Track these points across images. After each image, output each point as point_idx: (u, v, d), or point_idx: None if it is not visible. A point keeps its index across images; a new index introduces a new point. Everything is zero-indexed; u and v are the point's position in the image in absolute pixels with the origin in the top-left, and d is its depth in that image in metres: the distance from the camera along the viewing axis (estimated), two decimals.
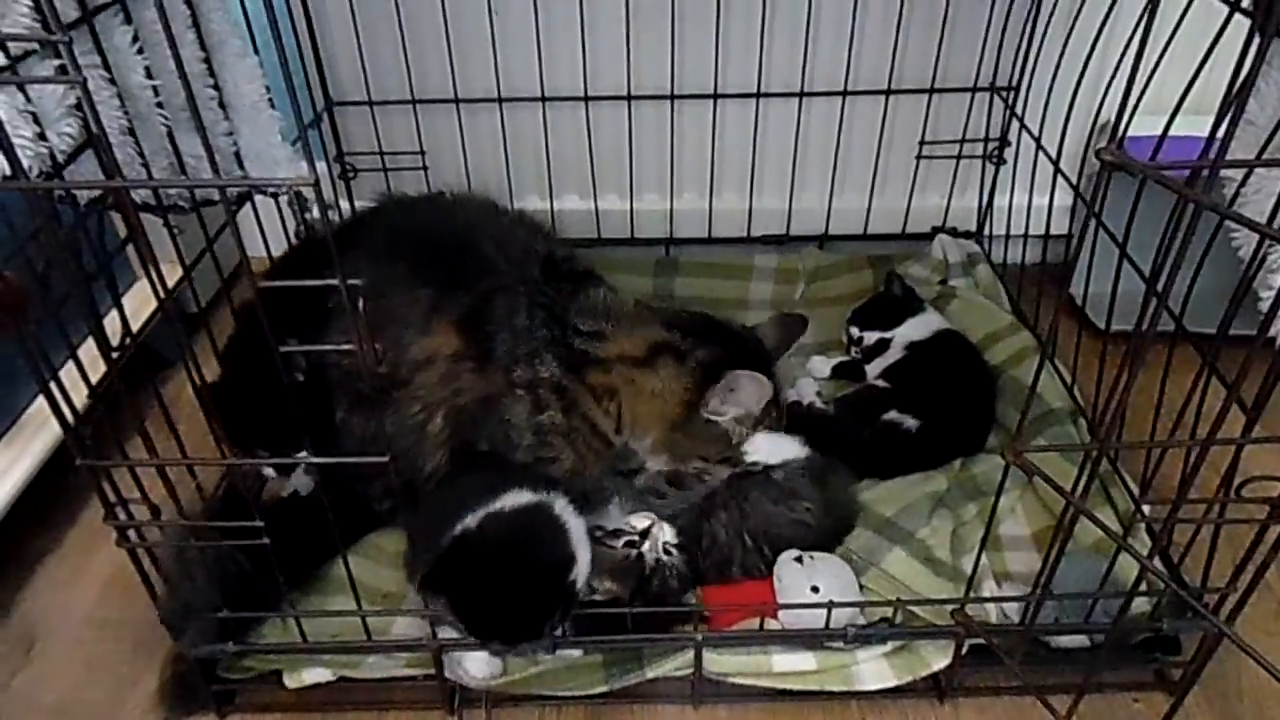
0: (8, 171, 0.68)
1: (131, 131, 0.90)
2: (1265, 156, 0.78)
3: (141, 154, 0.92)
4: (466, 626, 0.87)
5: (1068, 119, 1.23)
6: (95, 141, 0.82)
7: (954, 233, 1.62)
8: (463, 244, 1.11)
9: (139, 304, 1.14)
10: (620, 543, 1.01)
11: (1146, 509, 1.05)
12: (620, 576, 0.98)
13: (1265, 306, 0.78)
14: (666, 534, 1.03)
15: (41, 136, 0.76)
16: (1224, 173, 0.85)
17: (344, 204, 1.56)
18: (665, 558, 1.02)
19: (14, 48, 0.71)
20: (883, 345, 1.35)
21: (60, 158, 0.78)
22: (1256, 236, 0.71)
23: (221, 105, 1.06)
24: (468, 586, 0.87)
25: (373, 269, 1.05)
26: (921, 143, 1.54)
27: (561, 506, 0.93)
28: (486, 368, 1.04)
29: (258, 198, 1.20)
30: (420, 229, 1.15)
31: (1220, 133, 0.64)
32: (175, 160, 0.97)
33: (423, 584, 0.89)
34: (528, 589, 0.87)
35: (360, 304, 0.67)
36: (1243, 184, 0.81)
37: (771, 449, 1.10)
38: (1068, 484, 0.78)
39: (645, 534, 1.02)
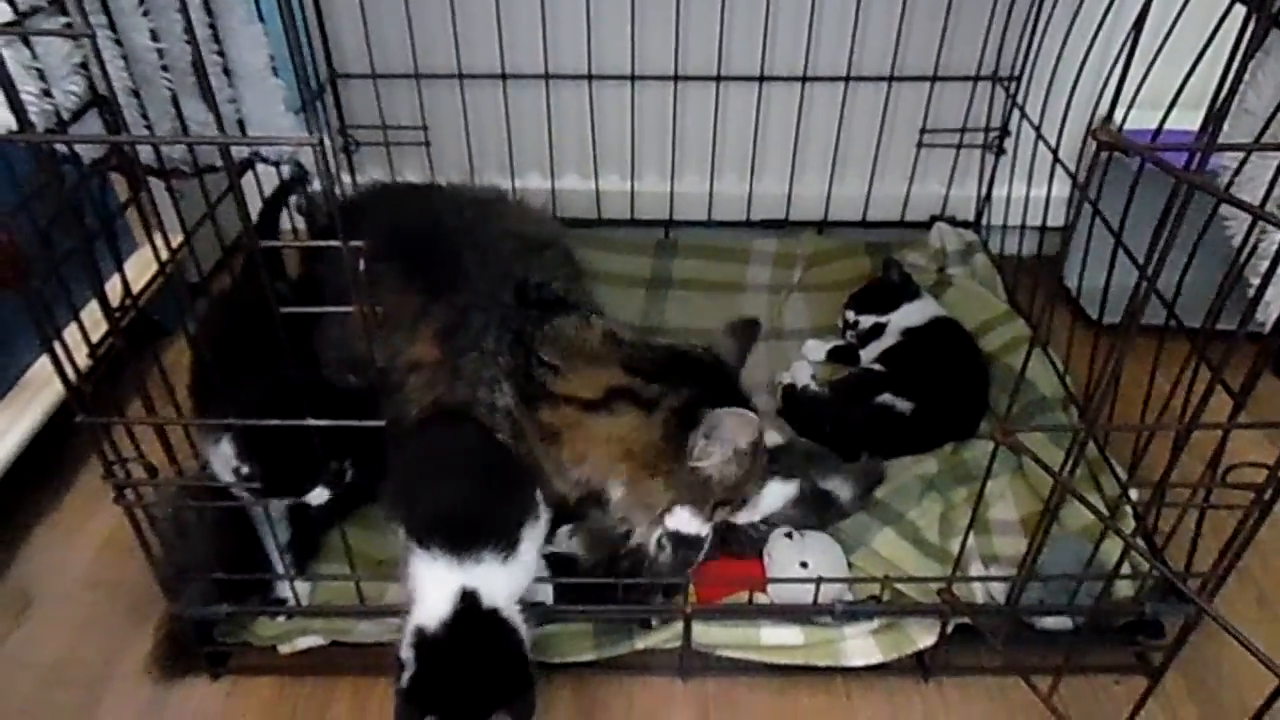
0: (14, 126, 0.68)
1: (136, 94, 0.90)
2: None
3: (145, 116, 0.92)
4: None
5: (1068, 110, 1.24)
6: (100, 100, 0.83)
7: (952, 222, 1.63)
8: (448, 252, 1.10)
9: (140, 271, 1.15)
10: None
11: (1134, 494, 1.06)
12: (592, 543, 0.98)
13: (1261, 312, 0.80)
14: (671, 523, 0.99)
15: (47, 93, 0.76)
16: (1219, 164, 0.86)
17: (346, 178, 1.56)
18: (655, 549, 1.00)
19: (21, 3, 0.71)
20: (878, 330, 1.36)
21: (65, 115, 0.79)
22: (1249, 223, 0.72)
23: (226, 72, 1.06)
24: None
25: (369, 262, 1.05)
26: (922, 131, 1.55)
27: None
28: (456, 383, 1.03)
29: (260, 171, 1.20)
30: (412, 229, 1.14)
31: (1218, 130, 0.65)
32: (179, 124, 0.98)
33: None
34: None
35: (361, 265, 0.67)
36: (1237, 172, 0.82)
37: (766, 503, 1.04)
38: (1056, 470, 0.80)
39: None
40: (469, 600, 0.83)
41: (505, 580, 0.85)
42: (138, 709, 1.00)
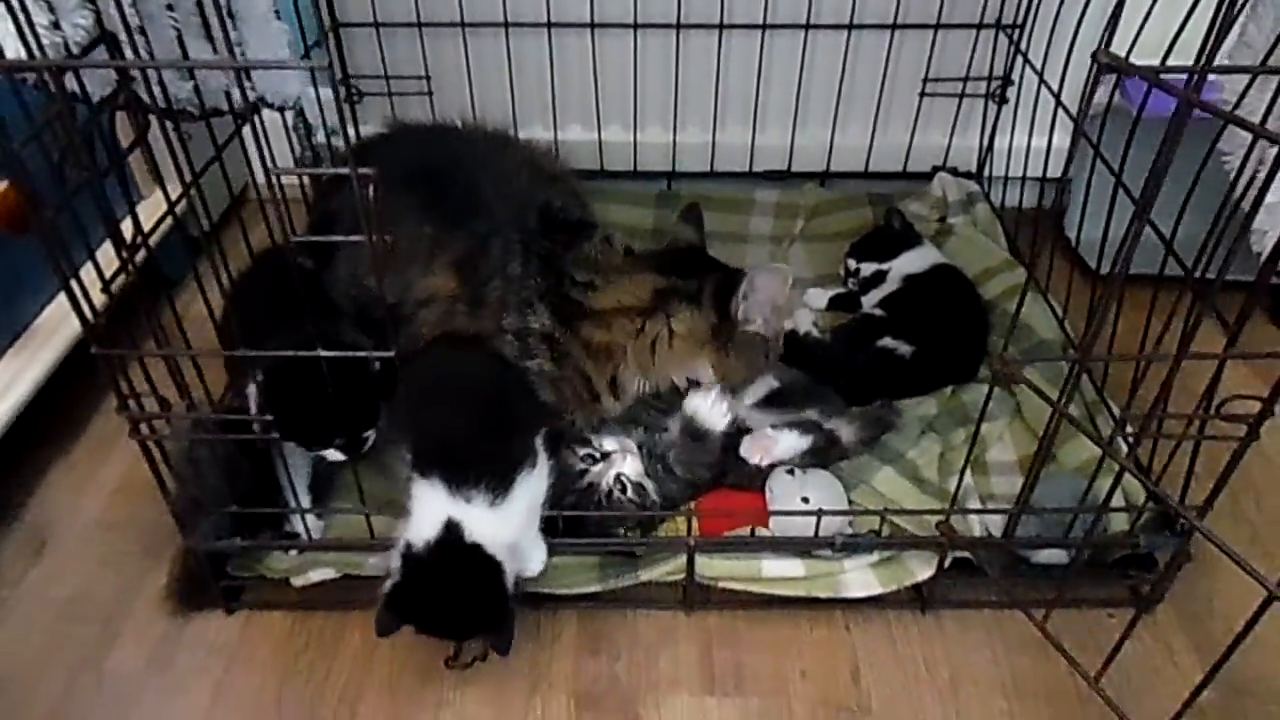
0: (24, 54, 0.69)
1: (142, 31, 0.91)
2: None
3: (151, 56, 0.93)
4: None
5: (1069, 56, 1.24)
6: (107, 37, 0.84)
7: (954, 173, 1.64)
8: (465, 183, 1.11)
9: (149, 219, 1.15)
10: (581, 453, 1.04)
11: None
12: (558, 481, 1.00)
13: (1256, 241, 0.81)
14: (627, 467, 1.04)
15: (56, 25, 0.77)
16: (1220, 98, 0.87)
17: (349, 129, 1.56)
18: (615, 488, 1.03)
19: None
20: (879, 277, 1.37)
21: (74, 49, 0.79)
22: (1246, 148, 0.73)
23: (230, 15, 1.07)
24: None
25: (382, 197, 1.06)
26: (925, 80, 1.54)
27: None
28: (479, 311, 1.05)
29: (266, 118, 1.20)
30: (426, 162, 1.15)
31: (1216, 48, 0.66)
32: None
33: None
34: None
35: (371, 192, 0.68)
36: (1236, 106, 0.82)
37: (780, 450, 1.08)
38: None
39: (606, 457, 1.04)
40: (454, 532, 0.86)
41: (492, 522, 0.87)
42: (154, 642, 1.02)
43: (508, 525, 0.89)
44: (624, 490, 1.03)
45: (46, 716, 0.96)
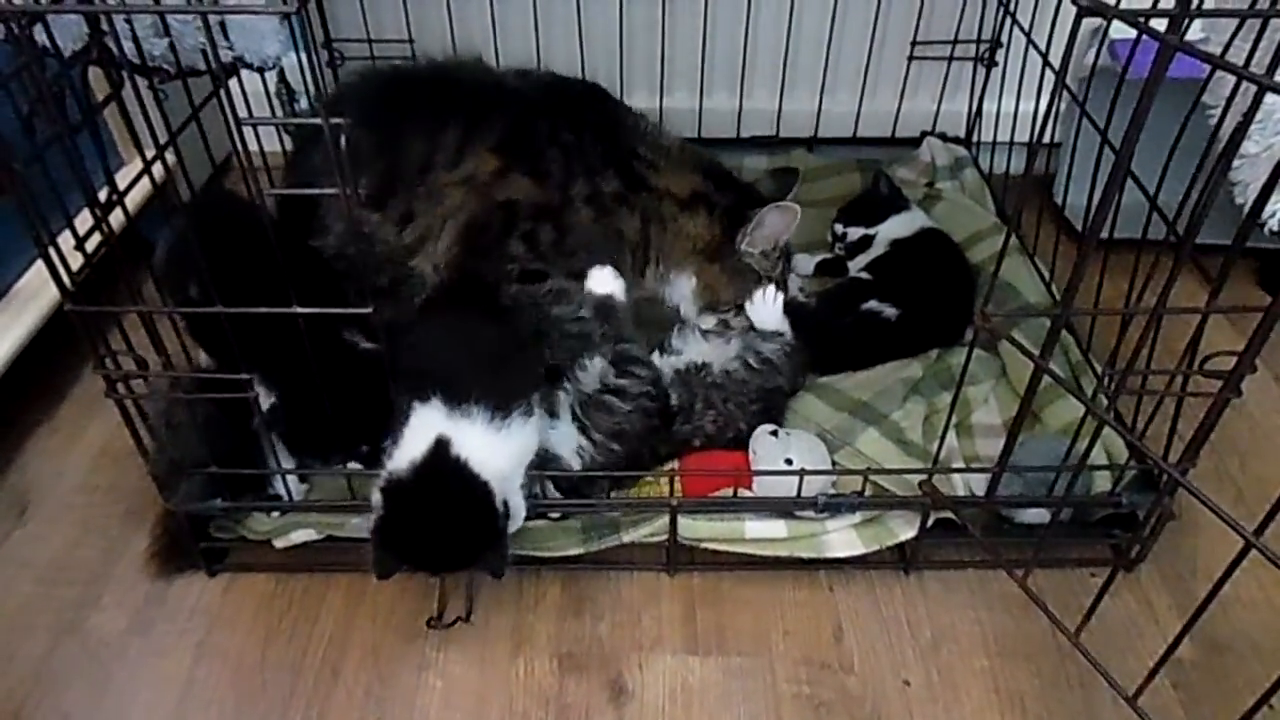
0: None
1: None
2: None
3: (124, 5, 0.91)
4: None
5: (1056, 15, 1.23)
6: None
7: (943, 138, 1.62)
8: (484, 80, 1.12)
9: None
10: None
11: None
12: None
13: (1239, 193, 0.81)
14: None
15: None
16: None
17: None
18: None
19: None
20: (866, 241, 1.37)
21: (44, 1, 0.78)
22: (1227, 110, 0.72)
23: None
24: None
25: (382, 126, 1.05)
26: (913, 43, 1.53)
27: None
28: (545, 183, 1.06)
29: (250, 85, 1.18)
30: (431, 76, 1.15)
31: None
32: (159, 20, 0.97)
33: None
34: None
35: (342, 142, 0.67)
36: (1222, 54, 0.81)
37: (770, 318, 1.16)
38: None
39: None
40: (442, 448, 0.85)
41: (486, 444, 0.86)
42: (136, 605, 1.02)
43: (499, 452, 0.88)
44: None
45: (29, 679, 0.95)
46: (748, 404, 1.07)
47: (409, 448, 0.86)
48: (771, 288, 1.15)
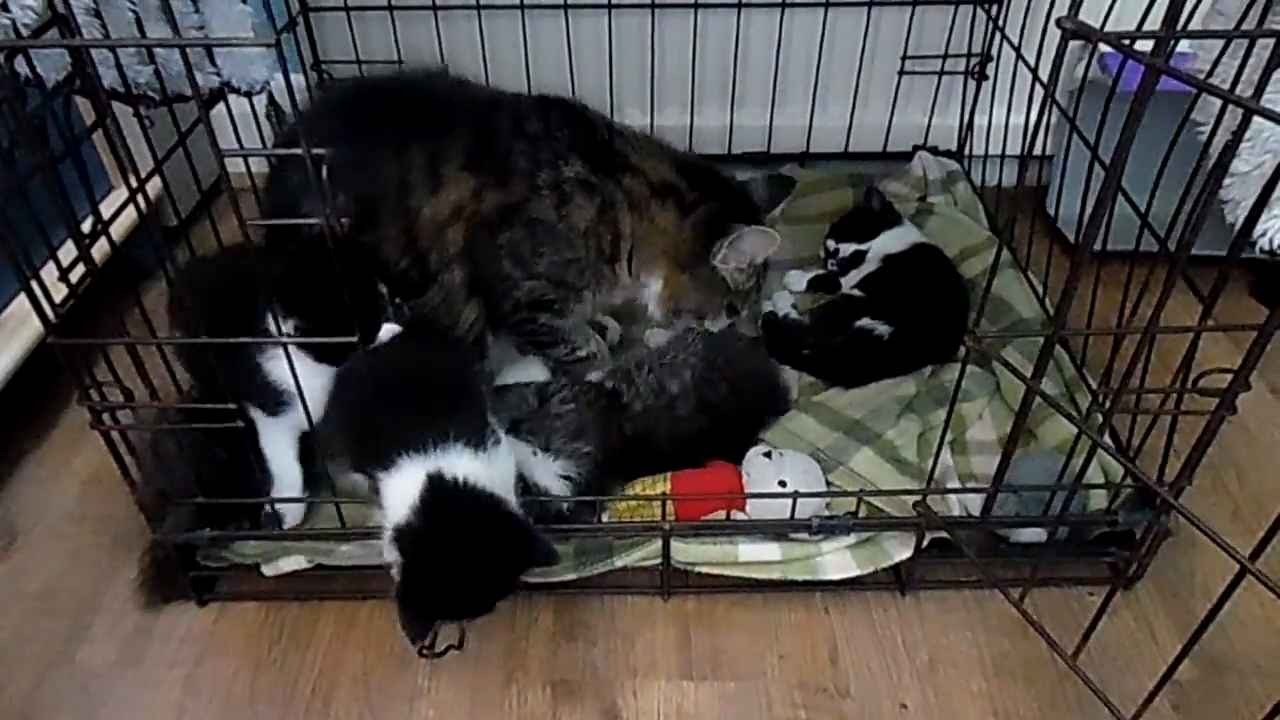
0: None
1: (98, 14, 0.89)
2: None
3: (108, 37, 0.91)
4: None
5: (1045, 29, 1.22)
6: (60, 19, 0.82)
7: (935, 152, 1.62)
8: (445, 92, 1.10)
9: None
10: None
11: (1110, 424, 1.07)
12: None
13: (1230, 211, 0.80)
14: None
15: (4, 8, 0.75)
16: (1194, 67, 0.86)
17: None
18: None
19: None
20: (859, 257, 1.36)
21: (24, 31, 0.77)
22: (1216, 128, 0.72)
23: None
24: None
25: (350, 144, 1.02)
26: (904, 58, 1.53)
27: None
28: (510, 181, 1.03)
29: (238, 108, 1.17)
30: (391, 92, 1.13)
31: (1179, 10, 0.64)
32: (143, 50, 0.96)
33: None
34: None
35: (324, 172, 0.67)
36: (1209, 75, 0.81)
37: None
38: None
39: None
40: (438, 480, 0.82)
41: (476, 465, 0.84)
42: (125, 635, 1.01)
43: (489, 474, 0.85)
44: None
45: (17, 712, 0.94)
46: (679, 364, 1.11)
47: (400, 499, 0.83)
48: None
